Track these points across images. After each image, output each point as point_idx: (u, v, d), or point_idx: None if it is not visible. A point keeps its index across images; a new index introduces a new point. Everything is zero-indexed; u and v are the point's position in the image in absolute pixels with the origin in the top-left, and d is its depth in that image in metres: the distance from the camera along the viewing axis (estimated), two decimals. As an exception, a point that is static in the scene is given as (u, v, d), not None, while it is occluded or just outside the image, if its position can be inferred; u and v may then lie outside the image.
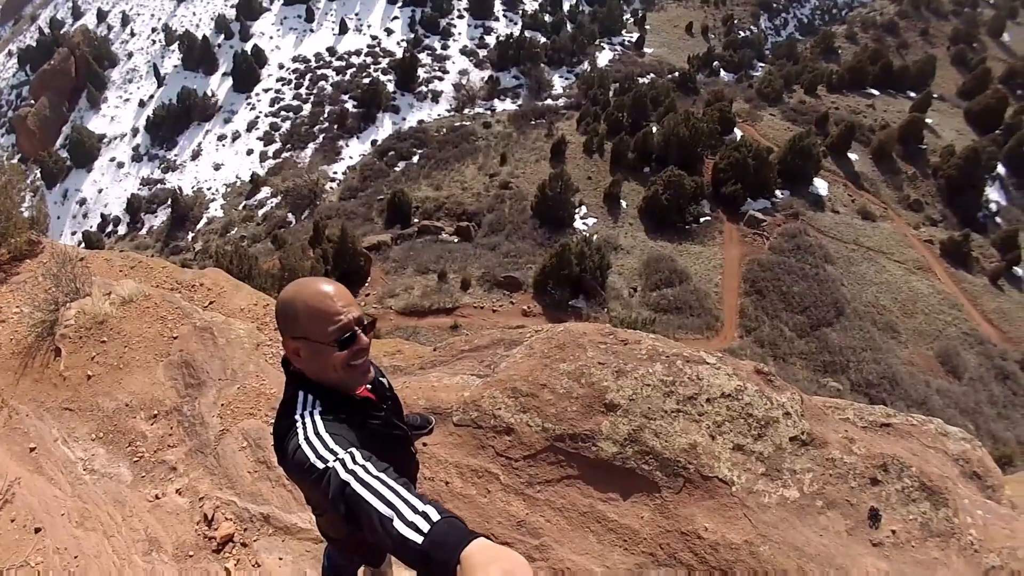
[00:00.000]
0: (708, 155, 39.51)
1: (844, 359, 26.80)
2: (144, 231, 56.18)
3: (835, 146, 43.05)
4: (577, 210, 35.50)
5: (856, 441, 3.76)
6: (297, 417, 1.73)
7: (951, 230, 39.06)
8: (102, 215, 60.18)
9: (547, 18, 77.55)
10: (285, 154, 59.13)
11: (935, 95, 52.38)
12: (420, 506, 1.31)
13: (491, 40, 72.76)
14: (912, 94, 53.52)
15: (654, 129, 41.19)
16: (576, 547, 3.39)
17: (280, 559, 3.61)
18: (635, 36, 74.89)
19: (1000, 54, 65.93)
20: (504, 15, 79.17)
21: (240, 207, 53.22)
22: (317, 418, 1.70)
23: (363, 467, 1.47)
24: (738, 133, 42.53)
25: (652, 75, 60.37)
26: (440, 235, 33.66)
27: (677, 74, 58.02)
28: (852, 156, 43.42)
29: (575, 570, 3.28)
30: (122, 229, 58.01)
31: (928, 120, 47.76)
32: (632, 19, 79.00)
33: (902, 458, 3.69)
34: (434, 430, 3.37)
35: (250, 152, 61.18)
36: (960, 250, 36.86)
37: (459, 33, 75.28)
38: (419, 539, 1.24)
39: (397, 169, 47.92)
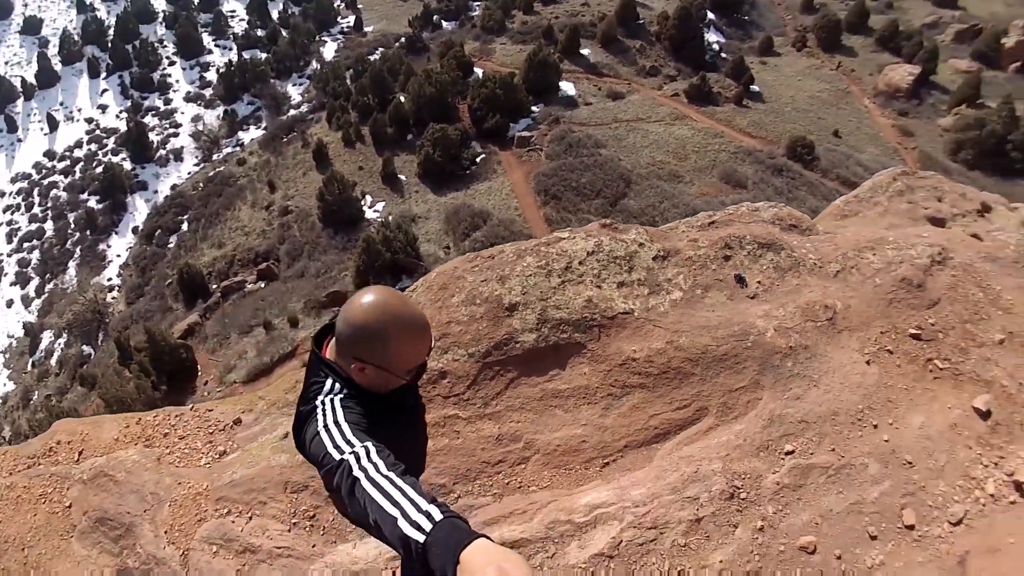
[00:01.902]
0: (459, 101, 40.53)
1: (648, 217, 28.85)
2: (-76, 442, 48.05)
3: (567, 49, 45.91)
4: (363, 202, 35.27)
5: (698, 239, 4.61)
6: (319, 402, 1.72)
7: (689, 79, 43.50)
8: None
9: (259, 33, 74.11)
10: (48, 287, 52.42)
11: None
12: (424, 505, 1.32)
13: (212, 76, 68.51)
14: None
15: (402, 98, 41.45)
16: (552, 426, 3.84)
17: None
18: (352, 19, 73.69)
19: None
20: (216, 45, 74.45)
21: (28, 367, 46.89)
22: (338, 404, 1.69)
23: (374, 464, 1.47)
24: (479, 71, 43.85)
25: (381, 49, 59.98)
26: (245, 288, 31.86)
27: (404, 40, 58.28)
28: (584, 51, 46.60)
29: (563, 444, 3.75)
30: None
31: (637, -1, 52.84)
32: (343, 3, 77.57)
33: (736, 234, 4.61)
34: None
35: (10, 303, 53.59)
36: (702, 91, 41.34)
37: (177, 81, 69.62)
38: (421, 537, 1.26)
39: (171, 245, 44.46)
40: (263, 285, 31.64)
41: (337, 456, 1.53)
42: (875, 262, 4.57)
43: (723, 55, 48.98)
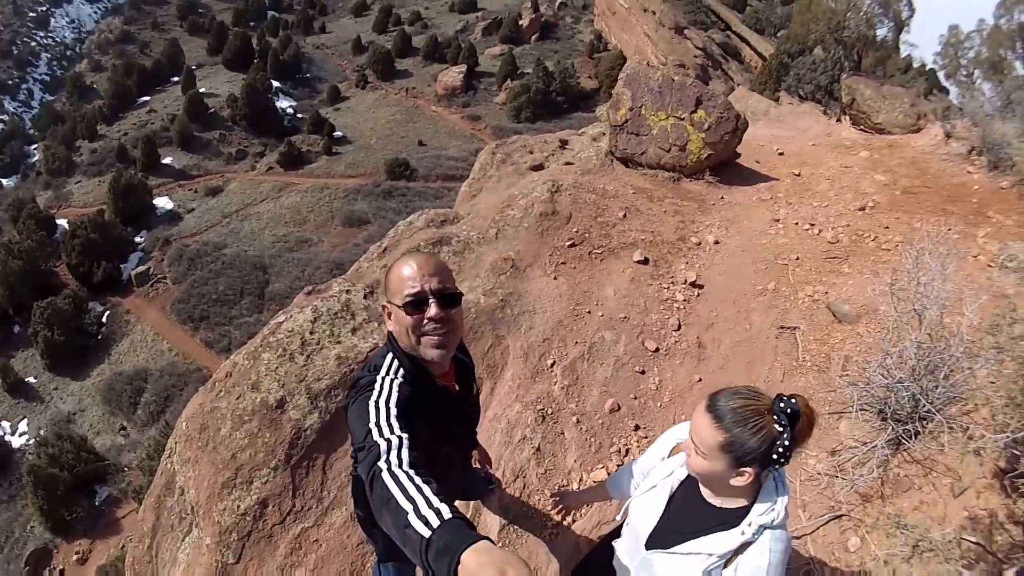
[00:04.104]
0: (55, 264, 35.97)
1: (298, 288, 28.69)
2: None
3: (148, 163, 44.19)
4: (1, 432, 29.09)
5: (386, 264, 5.38)
6: (379, 378, 1.84)
7: (276, 149, 44.78)
8: None
9: None
10: None
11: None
12: (436, 503, 1.34)
13: None
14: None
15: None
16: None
17: None
18: None
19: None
20: None
21: None
22: (395, 387, 1.80)
23: (399, 459, 1.51)
24: (63, 222, 39.21)
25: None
26: None
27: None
28: (167, 160, 45.43)
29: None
30: None
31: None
32: None
33: (410, 246, 5.56)
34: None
35: None
36: (293, 155, 43.17)
37: None
38: (427, 532, 1.27)
39: None
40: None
41: (374, 437, 1.60)
42: (516, 214, 6.03)
43: (299, 116, 51.54)
